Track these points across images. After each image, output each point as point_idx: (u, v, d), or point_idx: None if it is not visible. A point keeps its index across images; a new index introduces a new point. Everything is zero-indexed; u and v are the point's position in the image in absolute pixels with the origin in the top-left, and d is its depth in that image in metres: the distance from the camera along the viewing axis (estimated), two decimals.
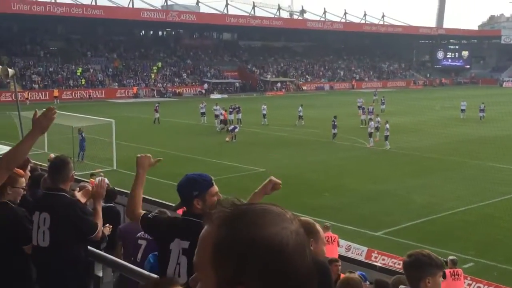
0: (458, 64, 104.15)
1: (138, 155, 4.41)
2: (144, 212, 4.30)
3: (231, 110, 41.52)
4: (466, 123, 42.73)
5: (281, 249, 1.20)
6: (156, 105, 43.70)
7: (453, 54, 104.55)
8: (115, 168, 25.36)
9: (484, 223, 18.93)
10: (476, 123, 42.00)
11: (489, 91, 73.78)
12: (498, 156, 28.86)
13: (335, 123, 34.70)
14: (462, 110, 47.22)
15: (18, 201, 4.98)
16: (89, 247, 4.88)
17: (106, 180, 17.29)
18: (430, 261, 3.72)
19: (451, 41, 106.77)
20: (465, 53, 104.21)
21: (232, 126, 36.21)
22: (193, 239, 3.92)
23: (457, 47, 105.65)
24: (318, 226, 4.04)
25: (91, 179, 18.68)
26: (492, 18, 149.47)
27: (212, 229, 1.26)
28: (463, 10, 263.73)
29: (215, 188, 3.94)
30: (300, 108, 41.91)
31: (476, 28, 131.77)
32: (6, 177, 4.37)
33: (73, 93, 62.96)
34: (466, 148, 31.45)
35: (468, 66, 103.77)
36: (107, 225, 6.19)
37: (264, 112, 42.43)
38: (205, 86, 72.79)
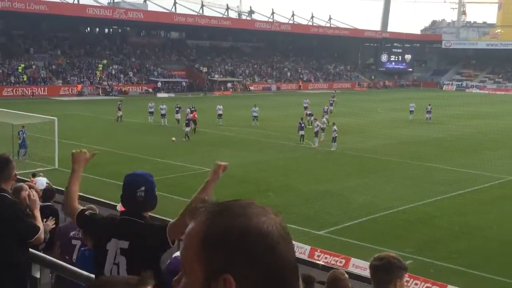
0: (401, 67, 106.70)
1: (73, 150, 4.36)
2: (82, 208, 4.24)
3: (177, 109, 41.23)
4: (410, 124, 43.80)
5: (267, 237, 1.24)
6: (119, 103, 42.89)
7: (396, 57, 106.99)
8: (56, 167, 24.84)
9: (424, 222, 19.53)
10: (419, 124, 43.15)
11: (431, 93, 75.92)
12: (438, 157, 29.84)
13: (302, 125, 34.66)
14: (411, 112, 48.27)
15: None
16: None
17: (44, 181, 16.86)
18: (399, 264, 3.75)
19: (395, 44, 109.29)
20: (408, 57, 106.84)
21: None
22: (133, 239, 3.89)
23: (400, 50, 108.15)
24: None
25: (31, 179, 18.30)
26: (434, 23, 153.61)
27: (197, 225, 1.28)
28: (406, 14, 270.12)
29: None
30: (255, 108, 41.80)
31: (419, 32, 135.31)
32: None
33: (14, 90, 61.19)
34: (408, 149, 32.33)
35: (411, 69, 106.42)
36: (51, 217, 6.08)
37: (220, 112, 41.63)
38: (159, 84, 72.52)
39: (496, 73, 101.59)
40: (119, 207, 15.29)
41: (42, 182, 17.71)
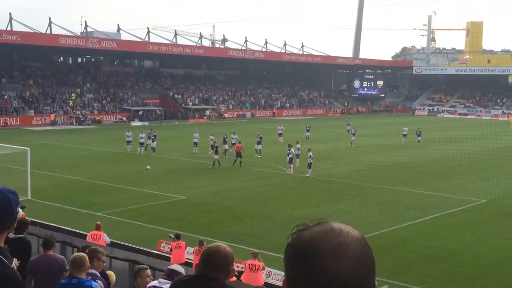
0: (373, 93, 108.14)
1: None
2: None
3: (153, 137, 41.05)
4: (384, 150, 43.95)
5: (311, 253, 1.50)
6: (150, 131, 41.85)
7: (369, 83, 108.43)
8: (29, 198, 24.51)
9: (398, 247, 19.65)
10: (393, 149, 43.40)
11: (403, 119, 76.90)
12: (410, 181, 30.13)
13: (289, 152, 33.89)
14: (404, 135, 50.46)
15: None
16: None
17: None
18: None
19: (367, 71, 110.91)
20: (380, 83, 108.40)
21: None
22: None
23: (372, 76, 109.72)
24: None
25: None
26: (404, 49, 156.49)
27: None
28: (378, 41, 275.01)
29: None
30: (233, 136, 41.56)
31: (390, 58, 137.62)
32: None
33: None
34: (381, 174, 32.61)
35: (383, 95, 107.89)
36: (14, 259, 5.98)
37: (196, 140, 41.04)
38: (140, 113, 73.35)
39: (466, 98, 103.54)
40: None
41: None
